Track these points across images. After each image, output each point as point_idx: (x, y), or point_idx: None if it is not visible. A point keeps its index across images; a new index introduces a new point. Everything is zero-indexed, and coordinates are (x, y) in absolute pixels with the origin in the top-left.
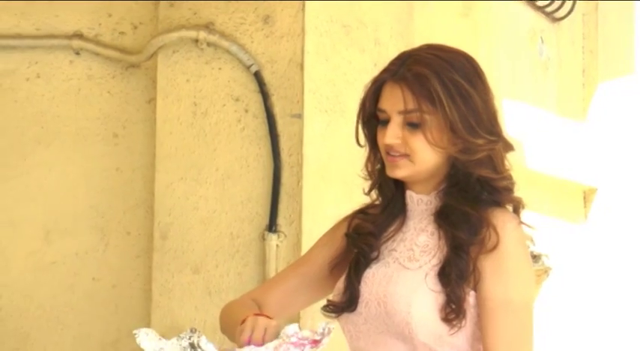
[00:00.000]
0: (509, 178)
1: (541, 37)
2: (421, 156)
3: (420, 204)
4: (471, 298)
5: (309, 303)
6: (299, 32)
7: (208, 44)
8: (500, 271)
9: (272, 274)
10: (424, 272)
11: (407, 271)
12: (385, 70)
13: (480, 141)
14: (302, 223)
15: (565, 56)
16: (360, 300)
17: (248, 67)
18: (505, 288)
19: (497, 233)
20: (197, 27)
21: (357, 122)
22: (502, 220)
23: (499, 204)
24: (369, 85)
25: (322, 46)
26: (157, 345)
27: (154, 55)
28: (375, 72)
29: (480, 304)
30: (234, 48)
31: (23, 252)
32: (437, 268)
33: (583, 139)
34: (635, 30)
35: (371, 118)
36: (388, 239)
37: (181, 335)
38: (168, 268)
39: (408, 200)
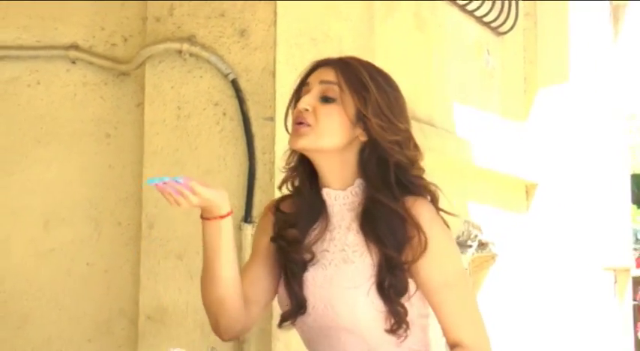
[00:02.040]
0: (421, 168)
1: (487, 49)
2: (323, 127)
3: (338, 199)
4: (411, 286)
5: (273, 287)
6: (271, 44)
7: (190, 55)
8: (430, 258)
9: (246, 259)
10: (367, 287)
11: (345, 272)
12: (320, 60)
13: (402, 126)
14: None
15: (508, 66)
16: (307, 304)
17: (226, 76)
18: (439, 270)
19: (424, 233)
20: (181, 40)
21: (287, 109)
22: (422, 212)
23: (415, 194)
24: (302, 73)
25: (292, 57)
26: None
27: (142, 64)
28: None
29: (421, 288)
30: (213, 58)
31: (24, 240)
32: (375, 280)
33: (524, 139)
34: (570, 43)
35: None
36: (317, 240)
37: None
38: (154, 255)
39: (325, 197)
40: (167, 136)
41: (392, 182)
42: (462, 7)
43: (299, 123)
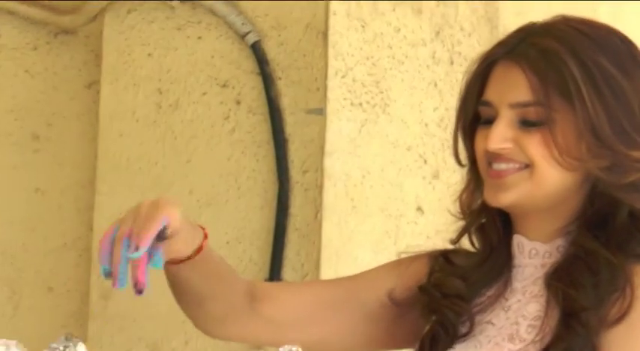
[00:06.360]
0: None
1: None
2: (542, 167)
3: (535, 257)
4: None
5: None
6: None
7: (182, 1)
8: (632, 344)
9: None
10: None
11: None
12: (498, 45)
13: (637, 154)
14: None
15: None
16: None
17: (243, 37)
18: None
19: (632, 291)
20: None
21: (456, 128)
22: None
23: None
24: (472, 69)
25: (357, 5)
26: None
27: (98, 15)
28: (438, 43)
29: None
30: (221, 7)
31: None
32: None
33: None
34: None
35: (474, 120)
36: (488, 307)
37: (52, 345)
38: (111, 342)
39: (516, 249)
40: (138, 140)
41: (616, 241)
42: None
43: (497, 167)
